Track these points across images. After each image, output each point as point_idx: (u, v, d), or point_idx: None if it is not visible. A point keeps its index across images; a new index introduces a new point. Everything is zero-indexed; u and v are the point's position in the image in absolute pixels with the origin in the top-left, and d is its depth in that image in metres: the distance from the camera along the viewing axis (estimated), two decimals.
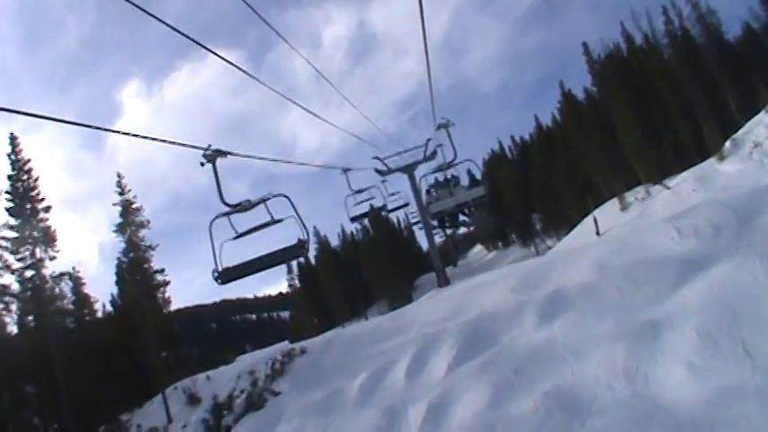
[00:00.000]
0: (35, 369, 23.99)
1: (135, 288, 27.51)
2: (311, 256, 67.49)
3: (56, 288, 25.92)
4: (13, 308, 24.79)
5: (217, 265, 7.54)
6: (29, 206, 25.10)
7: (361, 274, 61.36)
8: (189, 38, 5.48)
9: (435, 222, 53.95)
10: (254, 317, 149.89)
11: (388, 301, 54.76)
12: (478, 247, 78.45)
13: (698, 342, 9.16)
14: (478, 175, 45.48)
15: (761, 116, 31.01)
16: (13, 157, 25.84)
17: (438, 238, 61.79)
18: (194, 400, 20.33)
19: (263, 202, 7.66)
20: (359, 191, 21.57)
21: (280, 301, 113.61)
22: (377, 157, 25.40)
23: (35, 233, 24.77)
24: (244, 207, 7.63)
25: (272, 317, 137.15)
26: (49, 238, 25.02)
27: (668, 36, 40.99)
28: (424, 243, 67.35)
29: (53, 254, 25.09)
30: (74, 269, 28.90)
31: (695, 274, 10.96)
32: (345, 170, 20.92)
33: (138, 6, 4.71)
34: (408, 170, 26.32)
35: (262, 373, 18.91)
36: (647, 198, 36.44)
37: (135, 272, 27.67)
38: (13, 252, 24.19)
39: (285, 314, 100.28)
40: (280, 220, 7.76)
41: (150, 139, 5.39)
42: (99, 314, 31.71)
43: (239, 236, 7.81)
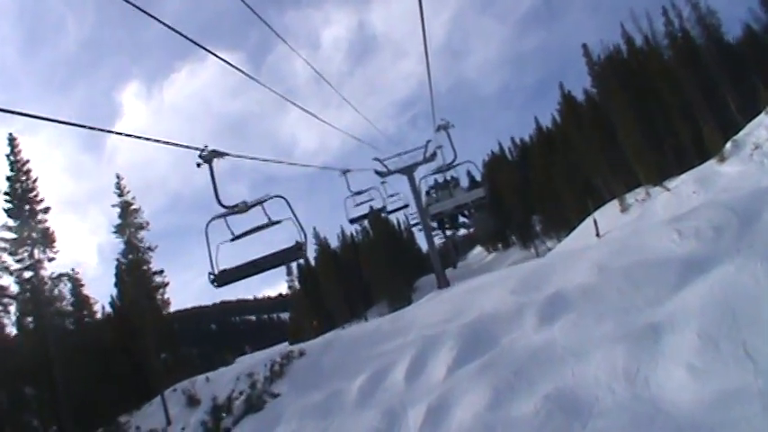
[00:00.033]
0: (34, 370, 23.94)
1: (134, 289, 27.47)
2: (311, 258, 67.51)
3: (55, 289, 25.90)
4: (11, 309, 24.78)
5: (213, 267, 7.49)
6: (27, 207, 25.08)
7: (361, 275, 61.27)
8: (188, 39, 5.48)
9: (435, 224, 53.94)
10: (253, 318, 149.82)
11: (388, 303, 54.70)
12: (478, 249, 78.39)
13: (699, 344, 9.12)
14: (478, 177, 45.58)
15: (761, 117, 30.94)
16: (11, 158, 25.86)
17: (438, 240, 61.76)
18: (193, 401, 20.29)
19: (259, 203, 7.61)
20: (358, 192, 21.55)
21: (279, 302, 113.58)
22: (377, 159, 25.41)
23: (34, 234, 24.74)
24: (240, 209, 7.58)
25: (271, 318, 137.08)
26: (47, 239, 24.99)
27: (668, 37, 40.93)
28: (423, 244, 67.24)
29: (52, 255, 25.12)
30: (73, 270, 28.88)
31: (696, 276, 10.94)
32: (344, 171, 20.90)
33: (138, 7, 4.70)
34: (408, 171, 26.30)
35: (261, 375, 18.87)
36: (647, 199, 36.37)
37: (134, 273, 27.64)
38: (11, 253, 24.18)
39: (285, 315, 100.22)
40: (277, 222, 7.70)
41: (145, 139, 5.37)
42: (98, 315, 31.67)
43: (236, 238, 7.76)
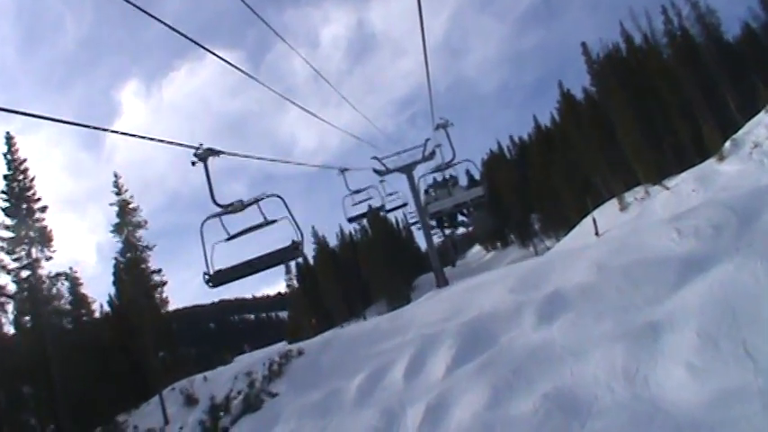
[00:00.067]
0: (32, 369, 23.90)
1: (132, 288, 27.42)
2: (309, 257, 67.51)
3: (53, 288, 25.83)
4: (9, 308, 24.72)
5: (208, 267, 7.39)
6: (25, 206, 24.99)
7: (360, 274, 61.30)
8: (187, 38, 5.46)
9: (434, 222, 53.77)
10: (252, 317, 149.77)
11: (387, 302, 54.71)
12: (477, 248, 78.44)
13: (698, 343, 9.09)
14: (477, 176, 45.50)
15: (761, 116, 30.95)
16: (9, 156, 25.77)
17: (436, 239, 61.57)
18: (191, 400, 20.23)
19: (255, 202, 7.51)
20: (356, 191, 21.45)
21: (278, 301, 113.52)
22: (375, 157, 25.34)
23: (31, 233, 24.66)
24: (236, 208, 7.48)
25: (270, 317, 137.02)
26: (45, 238, 24.90)
27: (667, 36, 40.94)
28: (422, 243, 67.28)
29: (49, 254, 25.01)
30: (71, 269, 28.87)
31: (695, 275, 10.90)
32: (343, 170, 20.81)
33: (137, 6, 4.67)
34: (407, 170, 26.24)
35: (259, 374, 18.81)
36: (646, 198, 36.37)
37: (132, 272, 27.59)
38: (8, 252, 24.09)
39: (283, 314, 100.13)
40: (273, 221, 7.61)
41: (140, 137, 5.31)
42: (97, 314, 31.66)
43: (231, 237, 7.67)
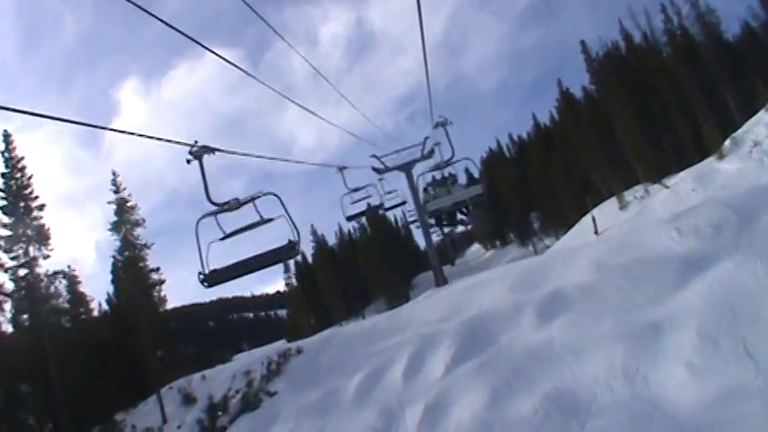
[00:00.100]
0: (30, 368, 23.85)
1: (130, 287, 27.36)
2: (308, 255, 67.49)
3: (51, 287, 25.76)
4: (6, 307, 24.63)
5: (203, 267, 7.29)
6: (22, 204, 24.92)
7: (359, 272, 61.30)
8: (187, 36, 5.43)
9: (433, 221, 53.76)
10: (251, 315, 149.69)
11: (386, 300, 54.71)
12: (476, 246, 78.47)
13: (698, 342, 9.05)
14: (476, 174, 45.17)
15: (760, 115, 30.91)
16: (6, 154, 25.67)
17: (435, 237, 61.62)
18: (190, 399, 20.18)
19: (251, 200, 7.41)
20: (355, 189, 21.38)
21: (277, 299, 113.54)
22: (374, 156, 25.31)
23: (29, 231, 24.60)
24: (231, 206, 7.37)
25: (269, 315, 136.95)
26: (42, 236, 24.84)
27: (667, 34, 40.88)
28: (421, 242, 67.32)
29: (47, 252, 24.95)
30: (69, 267, 28.71)
31: (695, 274, 10.86)
32: (341, 168, 20.75)
33: (137, 4, 4.64)
34: (406, 168, 26.23)
35: (257, 373, 18.76)
36: (645, 197, 36.35)
37: (130, 270, 27.53)
38: (6, 250, 24.05)
39: (282, 312, 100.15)
40: (269, 220, 7.51)
41: (137, 135, 5.25)
42: (95, 313, 31.57)
43: (227, 236, 7.57)
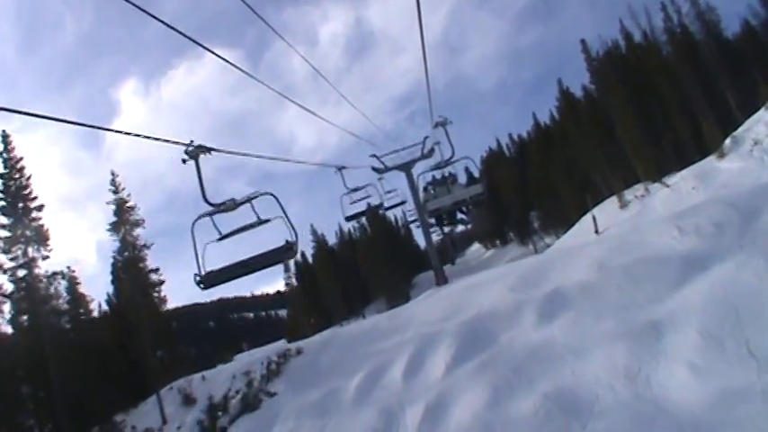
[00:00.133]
0: (30, 369, 23.82)
1: (130, 287, 27.31)
2: (308, 255, 67.43)
3: (50, 287, 25.69)
4: (5, 308, 24.55)
5: (199, 268, 7.18)
6: (21, 205, 24.86)
7: (359, 272, 61.21)
8: (186, 36, 5.40)
9: (433, 220, 53.83)
10: (251, 315, 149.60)
11: (386, 300, 54.63)
12: (476, 246, 78.38)
13: (700, 342, 8.99)
14: (476, 173, 45.01)
15: (761, 113, 30.82)
16: (5, 155, 25.60)
17: (435, 237, 61.78)
18: (189, 400, 20.14)
19: (248, 201, 7.32)
20: (354, 189, 21.31)
21: (277, 299, 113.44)
22: (374, 155, 25.27)
23: (27, 232, 24.54)
24: (228, 207, 7.27)
25: (269, 315, 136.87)
26: (41, 237, 24.78)
27: (667, 33, 40.76)
28: (421, 241, 67.24)
29: (46, 253, 24.89)
30: (68, 268, 28.56)
31: (697, 273, 10.80)
32: (340, 168, 20.66)
33: (136, 5, 4.61)
34: (406, 168, 26.20)
35: (257, 374, 18.72)
36: (646, 196, 36.26)
37: (130, 271, 27.48)
38: (5, 251, 23.99)
39: (283, 312, 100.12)
40: (266, 221, 7.42)
41: (134, 135, 5.19)
42: (95, 313, 31.45)
43: (223, 237, 7.47)
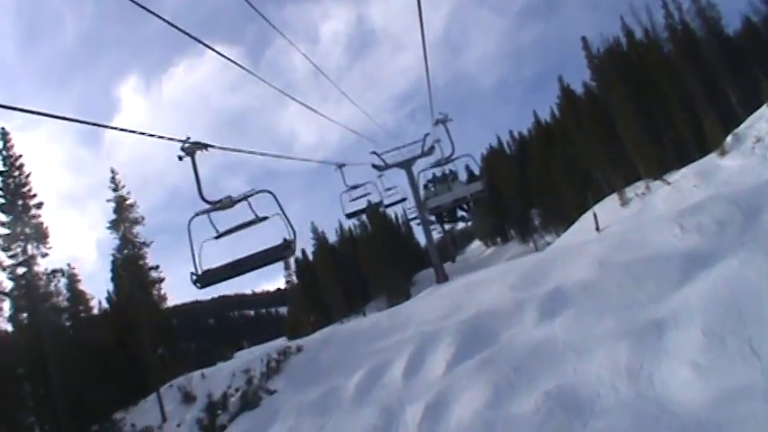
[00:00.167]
0: (30, 367, 23.78)
1: (130, 285, 27.28)
2: (309, 252, 67.42)
3: (50, 285, 25.65)
4: (5, 306, 24.52)
5: (196, 267, 7.11)
6: (20, 202, 24.78)
7: (359, 270, 61.15)
8: (187, 34, 5.38)
9: (433, 218, 53.71)
10: (251, 313, 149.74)
11: (387, 297, 54.63)
12: (477, 243, 78.34)
13: (703, 341, 8.93)
14: (477, 171, 44.98)
15: (762, 110, 30.73)
16: (4, 152, 25.52)
17: (436, 234, 61.55)
18: (189, 398, 20.11)
19: (245, 198, 7.23)
20: (354, 186, 21.28)
21: (278, 296, 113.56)
22: (374, 152, 25.19)
23: (27, 230, 24.47)
24: (225, 204, 7.19)
25: (269, 312, 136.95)
26: (41, 234, 24.72)
27: (668, 30, 40.67)
28: (422, 239, 67.36)
29: (45, 251, 24.82)
30: (69, 266, 28.62)
31: (699, 271, 10.73)
32: (340, 166, 20.62)
33: (136, 2, 4.58)
34: (406, 165, 26.12)
35: (257, 372, 18.68)
36: (647, 193, 36.18)
37: (130, 269, 27.44)
38: (4, 249, 23.93)
39: (283, 310, 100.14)
40: (264, 219, 7.33)
41: (122, 129, 5.15)
42: (95, 311, 31.52)
43: (220, 235, 7.40)
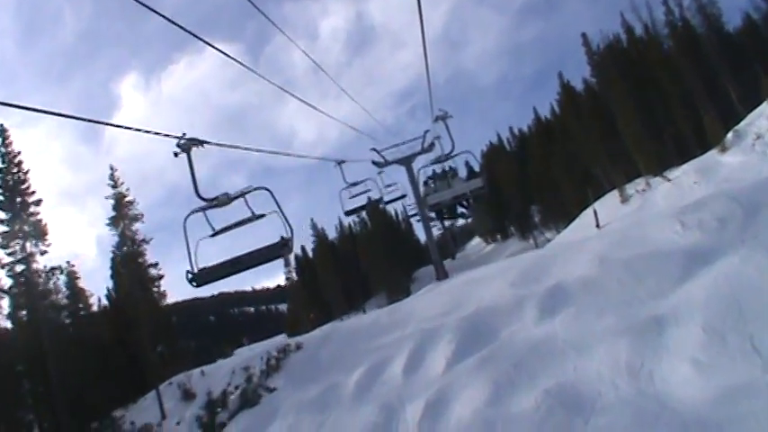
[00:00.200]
0: (29, 364, 23.75)
1: (129, 282, 27.23)
2: (308, 249, 67.35)
3: (49, 282, 25.60)
4: (4, 303, 24.47)
5: (192, 265, 7.01)
6: (19, 200, 24.71)
7: (359, 266, 61.10)
8: (187, 31, 5.35)
9: (433, 214, 53.68)
10: (251, 309, 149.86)
11: (387, 294, 54.58)
12: (476, 240, 78.24)
13: (704, 338, 8.92)
14: (477, 167, 45.18)
15: (763, 107, 30.65)
16: (2, 149, 25.43)
17: (436, 231, 61.63)
18: (189, 395, 20.10)
19: (242, 195, 7.14)
20: (354, 183, 21.20)
21: (278, 293, 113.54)
22: (374, 149, 25.11)
23: (26, 227, 24.41)
24: (221, 202, 7.07)
25: (269, 309, 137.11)
26: (39, 231, 24.66)
27: (668, 26, 40.50)
28: (422, 235, 67.26)
29: (44, 248, 24.77)
30: (68, 263, 28.57)
31: (700, 268, 10.71)
32: (339, 162, 20.51)
33: None
34: (406, 162, 26.02)
35: (257, 369, 18.65)
36: (647, 190, 36.11)
37: (129, 266, 27.39)
38: (3, 246, 23.87)
39: (283, 307, 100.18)
40: (261, 216, 7.24)
41: (117, 126, 5.10)
42: (94, 308, 31.43)
43: (217, 233, 7.31)
